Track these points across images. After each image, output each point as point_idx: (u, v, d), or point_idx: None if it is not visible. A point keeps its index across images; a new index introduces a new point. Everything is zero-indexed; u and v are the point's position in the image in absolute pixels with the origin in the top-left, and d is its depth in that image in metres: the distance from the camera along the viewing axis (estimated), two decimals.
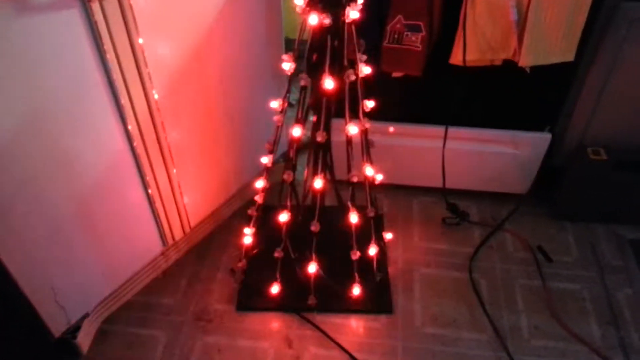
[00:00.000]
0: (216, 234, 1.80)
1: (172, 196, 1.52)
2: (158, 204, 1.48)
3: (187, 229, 1.65)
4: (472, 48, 1.48)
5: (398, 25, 1.46)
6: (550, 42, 1.47)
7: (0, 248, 1.14)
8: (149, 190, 1.43)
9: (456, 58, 1.51)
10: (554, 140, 1.73)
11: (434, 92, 1.66)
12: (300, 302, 1.57)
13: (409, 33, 1.47)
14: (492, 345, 1.51)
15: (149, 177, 1.40)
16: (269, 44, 1.61)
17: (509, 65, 1.52)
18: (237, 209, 1.86)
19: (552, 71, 1.53)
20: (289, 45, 1.61)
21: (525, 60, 1.48)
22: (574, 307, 1.61)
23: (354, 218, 1.41)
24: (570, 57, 1.51)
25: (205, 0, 1.35)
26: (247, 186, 1.79)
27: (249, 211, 1.52)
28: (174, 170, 1.47)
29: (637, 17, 1.47)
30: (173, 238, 1.61)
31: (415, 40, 1.47)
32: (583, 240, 1.80)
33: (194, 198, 1.61)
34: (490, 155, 1.78)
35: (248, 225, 1.54)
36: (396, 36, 1.48)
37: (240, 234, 1.58)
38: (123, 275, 1.53)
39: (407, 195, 1.93)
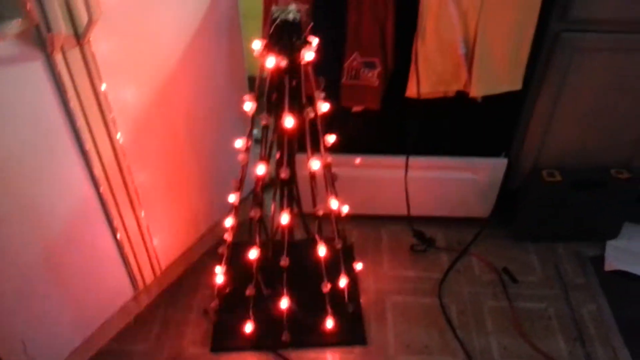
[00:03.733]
0: (187, 274, 1.79)
1: (141, 239, 1.52)
2: (127, 249, 1.48)
3: (158, 272, 1.65)
4: (425, 82, 1.55)
5: (355, 63, 1.52)
6: (498, 73, 1.55)
7: None
8: (118, 235, 1.43)
9: (411, 91, 1.58)
10: (510, 164, 1.81)
11: (392, 123, 1.72)
12: (275, 339, 1.57)
13: (365, 69, 1.53)
14: None
15: (116, 222, 1.41)
16: (232, 84, 1.66)
17: (463, 96, 1.60)
18: (208, 249, 1.86)
19: (503, 99, 1.61)
20: (252, 83, 1.66)
21: (476, 91, 1.56)
22: (540, 325, 1.65)
23: (322, 250, 1.44)
24: (517, 85, 1.59)
25: (167, 45, 1.39)
26: (217, 225, 1.80)
27: (219, 250, 1.54)
28: (142, 213, 1.48)
29: (578, 46, 1.57)
30: (144, 282, 1.60)
31: (372, 76, 1.54)
32: (545, 260, 1.86)
33: (164, 240, 1.62)
34: (451, 181, 1.84)
35: (219, 264, 1.55)
36: (353, 73, 1.54)
37: (212, 273, 1.59)
38: (94, 324, 1.51)
39: (374, 225, 1.97)
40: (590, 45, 1.57)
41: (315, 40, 1.21)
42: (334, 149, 1.40)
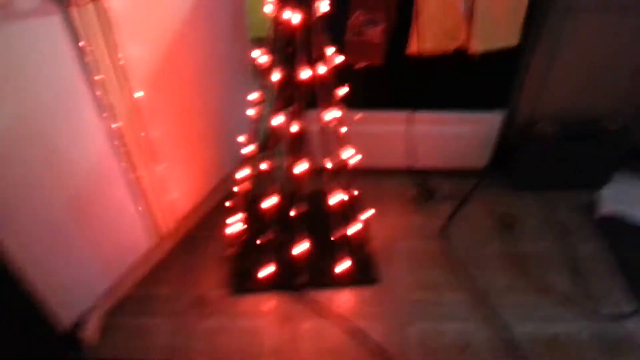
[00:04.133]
0: (201, 226, 1.90)
1: (158, 190, 1.60)
2: (146, 199, 1.56)
3: (176, 222, 1.74)
4: (426, 39, 1.65)
5: (358, 20, 1.62)
6: (496, 29, 1.66)
7: (9, 247, 1.21)
8: (138, 186, 1.52)
9: (412, 49, 1.68)
10: (507, 117, 1.91)
11: (394, 80, 1.82)
12: (292, 280, 1.68)
13: (368, 26, 1.63)
14: (473, 303, 1.66)
15: (136, 173, 1.49)
16: (235, 42, 1.72)
17: (461, 53, 1.70)
18: (218, 201, 1.95)
19: (500, 56, 1.71)
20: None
21: (475, 47, 1.67)
22: (541, 264, 1.77)
23: (338, 197, 1.54)
24: (514, 41, 1.70)
25: (175, 3, 1.45)
26: (227, 178, 1.89)
27: (232, 201, 1.63)
28: (160, 166, 1.56)
29: (571, 6, 1.67)
30: (163, 231, 1.70)
31: (374, 33, 1.64)
32: (542, 206, 1.98)
33: (179, 192, 1.71)
34: (451, 135, 1.96)
35: (232, 214, 1.64)
36: (357, 29, 1.64)
37: (224, 224, 1.68)
38: (118, 270, 1.60)
39: (377, 178, 2.07)
40: (583, 4, 1.67)
41: None
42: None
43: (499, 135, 1.95)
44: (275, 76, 1.37)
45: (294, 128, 1.44)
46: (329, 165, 1.51)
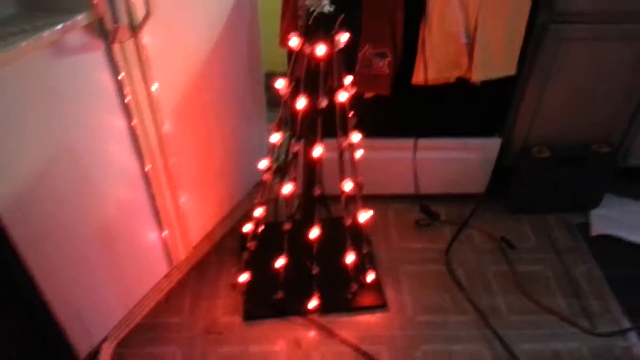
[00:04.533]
0: (212, 253, 1.92)
1: (178, 218, 1.64)
2: (166, 226, 1.60)
3: (190, 250, 1.77)
4: (431, 69, 1.73)
5: (367, 53, 1.69)
6: (495, 60, 1.74)
7: (35, 276, 1.23)
8: (159, 213, 1.55)
9: (418, 78, 1.75)
10: (504, 143, 2.00)
11: (399, 109, 1.88)
12: (303, 305, 1.71)
13: (377, 59, 1.70)
14: (477, 324, 1.71)
15: (159, 202, 1.53)
16: (251, 74, 1.80)
17: (462, 81, 1.78)
18: (230, 228, 1.99)
19: (497, 84, 1.80)
20: (268, 78, 1.81)
21: (476, 76, 1.75)
22: (540, 285, 1.84)
23: (348, 221, 1.59)
24: (512, 71, 1.78)
25: (200, 40, 1.53)
26: (237, 207, 1.95)
27: (246, 227, 1.67)
28: (181, 195, 1.60)
29: (563, 36, 1.77)
30: (178, 259, 1.72)
31: (383, 65, 1.71)
32: (538, 229, 2.06)
33: (194, 220, 1.75)
34: (450, 161, 2.03)
35: (241, 242, 1.67)
36: (367, 62, 1.70)
37: (234, 252, 1.72)
38: (135, 298, 1.62)
39: (381, 204, 2.12)
40: (574, 35, 1.77)
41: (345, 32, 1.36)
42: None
43: (497, 161, 2.03)
44: (299, 105, 1.41)
45: (313, 154, 1.48)
46: (345, 189, 1.55)
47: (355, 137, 1.52)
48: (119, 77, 1.26)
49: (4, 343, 1.27)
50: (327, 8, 1.31)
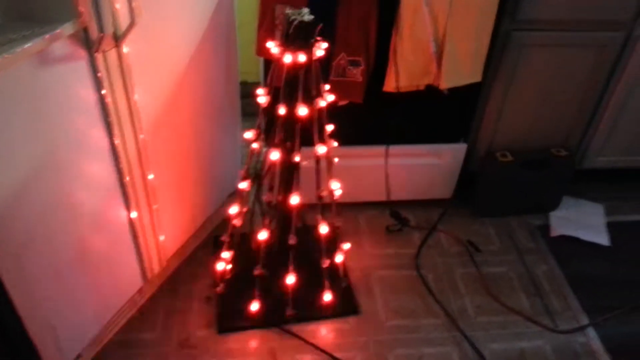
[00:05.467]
0: (185, 266, 1.88)
1: (152, 231, 1.60)
2: (142, 240, 1.56)
3: (163, 264, 1.72)
4: (402, 76, 1.75)
5: (342, 62, 1.70)
6: (462, 68, 1.79)
7: (11, 289, 1.17)
8: (134, 227, 1.51)
9: (389, 86, 1.78)
10: (469, 148, 2.06)
11: (371, 116, 1.90)
12: (278, 315, 1.70)
13: (350, 67, 1.71)
14: (447, 327, 1.75)
15: (135, 215, 1.49)
16: (227, 84, 1.78)
17: (429, 89, 1.82)
18: (202, 241, 1.96)
19: (462, 91, 1.85)
20: (243, 88, 1.80)
21: (445, 84, 1.79)
22: (504, 285, 1.91)
23: (324, 229, 1.59)
24: (478, 78, 1.84)
25: (178, 51, 1.50)
26: (210, 219, 1.92)
27: (223, 237, 1.65)
28: (155, 206, 1.56)
29: (525, 43, 1.84)
30: (151, 273, 1.68)
31: (356, 73, 1.73)
32: (502, 231, 2.13)
33: (168, 233, 1.70)
34: (418, 167, 2.06)
35: (216, 254, 1.65)
36: (340, 70, 1.72)
37: (208, 264, 1.70)
38: (109, 313, 1.57)
39: (352, 211, 2.15)
40: (535, 41, 1.84)
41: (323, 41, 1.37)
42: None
43: (463, 166, 2.08)
44: (278, 113, 1.40)
45: (290, 163, 1.48)
46: (322, 195, 1.56)
47: (332, 144, 1.53)
48: (101, 86, 1.23)
49: None
50: (308, 17, 1.31)
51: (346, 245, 1.88)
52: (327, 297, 1.74)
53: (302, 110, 1.39)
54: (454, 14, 1.68)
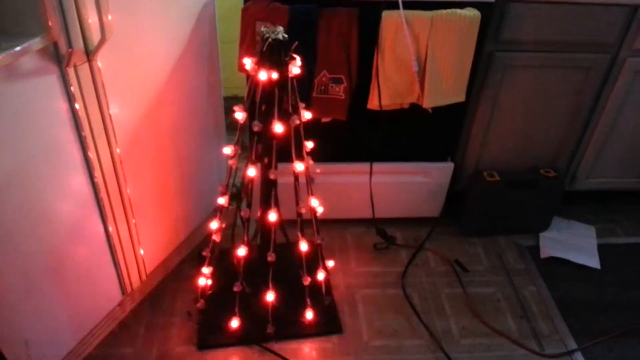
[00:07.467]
0: (167, 280, 1.88)
1: (131, 245, 1.61)
2: (119, 254, 1.56)
3: (144, 278, 1.73)
4: (385, 95, 1.76)
5: (324, 79, 1.72)
6: (445, 87, 1.80)
7: None
8: (112, 241, 1.52)
9: (372, 104, 1.79)
10: (456, 167, 2.05)
11: (355, 134, 1.91)
12: (258, 333, 1.69)
13: (333, 85, 1.73)
14: (430, 348, 1.73)
15: (112, 228, 1.50)
16: (210, 102, 1.80)
17: (415, 108, 1.83)
18: (184, 256, 1.96)
19: (449, 111, 1.85)
20: (227, 102, 1.82)
21: (427, 103, 1.80)
22: (491, 307, 1.88)
23: (304, 246, 1.59)
24: (462, 97, 1.84)
25: (157, 66, 1.52)
26: (192, 233, 1.92)
27: (204, 252, 1.65)
28: (133, 221, 1.57)
29: (508, 63, 1.85)
30: (131, 287, 1.68)
31: (339, 90, 1.74)
32: (490, 251, 2.11)
33: (148, 246, 1.71)
34: (405, 185, 2.06)
35: (198, 268, 1.65)
36: (323, 88, 1.73)
37: (190, 279, 1.69)
38: (86, 327, 1.57)
39: (339, 228, 2.14)
40: (519, 62, 1.85)
41: (298, 58, 1.39)
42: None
43: (450, 185, 2.07)
44: (252, 129, 1.41)
45: (268, 179, 1.48)
46: (301, 211, 1.56)
47: (310, 162, 1.53)
48: (73, 100, 1.25)
49: None
50: (282, 35, 1.33)
51: (330, 263, 1.88)
52: (309, 315, 1.73)
53: (278, 127, 1.40)
54: (435, 34, 1.69)
